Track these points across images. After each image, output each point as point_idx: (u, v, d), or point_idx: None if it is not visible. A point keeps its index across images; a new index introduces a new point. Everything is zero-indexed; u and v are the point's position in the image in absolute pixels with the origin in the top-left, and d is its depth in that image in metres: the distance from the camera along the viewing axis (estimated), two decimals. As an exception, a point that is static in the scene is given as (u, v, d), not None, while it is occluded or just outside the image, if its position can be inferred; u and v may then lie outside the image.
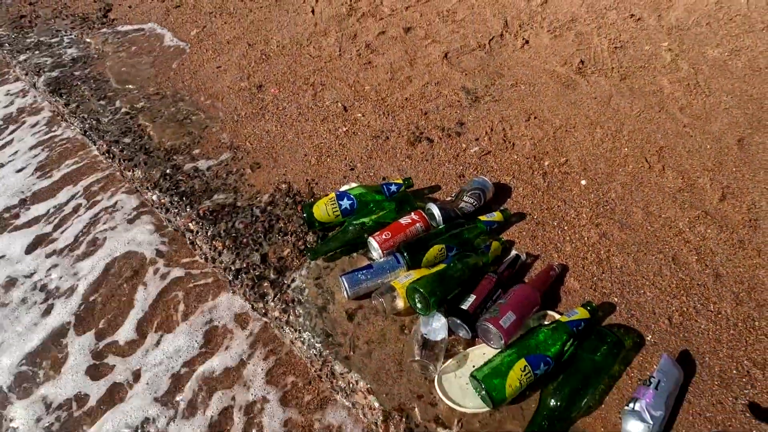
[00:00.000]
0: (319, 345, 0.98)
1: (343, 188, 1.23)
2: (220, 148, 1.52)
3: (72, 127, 1.88)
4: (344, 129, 1.52)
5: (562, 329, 0.87)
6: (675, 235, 1.10)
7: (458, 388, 0.88)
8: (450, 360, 0.92)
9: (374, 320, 1.00)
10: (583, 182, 1.25)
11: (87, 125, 1.72)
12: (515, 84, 1.60)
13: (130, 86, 1.86)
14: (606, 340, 0.87)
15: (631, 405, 0.79)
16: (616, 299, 0.99)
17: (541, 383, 0.85)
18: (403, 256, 1.03)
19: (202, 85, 1.82)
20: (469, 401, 0.85)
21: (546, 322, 0.95)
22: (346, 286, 1.00)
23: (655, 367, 0.83)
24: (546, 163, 1.31)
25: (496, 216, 1.13)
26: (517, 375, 0.81)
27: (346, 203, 1.16)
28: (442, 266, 0.98)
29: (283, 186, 1.36)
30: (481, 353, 0.92)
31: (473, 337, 0.94)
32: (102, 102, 1.80)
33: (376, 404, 0.88)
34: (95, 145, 1.72)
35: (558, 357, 0.84)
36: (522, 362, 0.82)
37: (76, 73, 1.98)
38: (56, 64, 2.05)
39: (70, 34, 2.28)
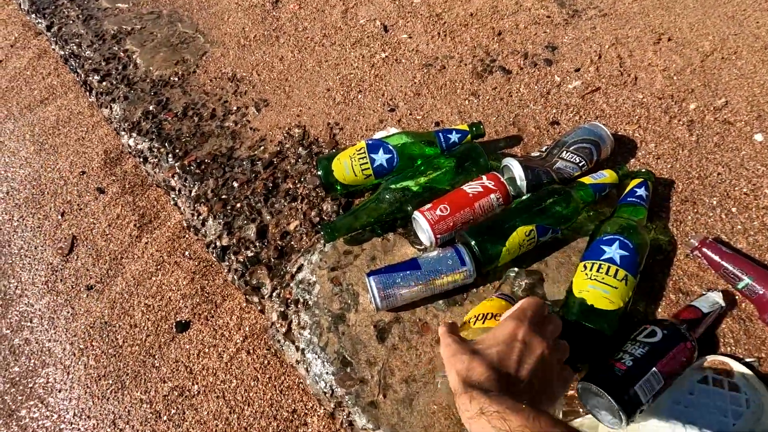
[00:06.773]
0: (331, 378, 0.63)
1: (378, 135, 0.84)
2: (219, 80, 1.15)
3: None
4: (383, 55, 1.09)
5: None
6: None
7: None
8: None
9: (418, 343, 0.64)
10: (759, 137, 0.79)
11: (68, 51, 1.39)
12: (635, -9, 1.10)
13: (121, 5, 1.50)
14: None
15: None
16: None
17: None
18: (470, 248, 0.64)
19: (205, 1, 1.43)
20: None
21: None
22: (376, 292, 0.63)
23: None
24: (692, 107, 0.85)
25: (607, 176, 0.71)
26: None
27: (381, 157, 0.77)
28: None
29: (297, 131, 0.98)
30: None
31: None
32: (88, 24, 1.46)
33: (418, 493, 0.54)
34: (75, 74, 1.39)
35: None
36: None
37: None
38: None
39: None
